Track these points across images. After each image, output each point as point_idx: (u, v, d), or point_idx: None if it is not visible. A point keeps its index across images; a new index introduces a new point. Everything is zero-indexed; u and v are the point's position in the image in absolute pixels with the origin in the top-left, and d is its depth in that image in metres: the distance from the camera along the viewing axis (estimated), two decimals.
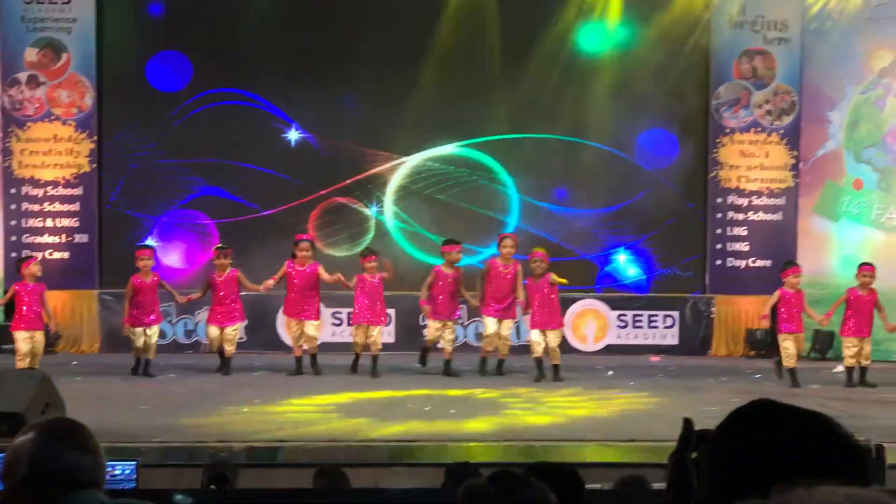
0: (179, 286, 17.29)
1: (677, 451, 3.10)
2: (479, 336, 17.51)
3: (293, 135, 19.68)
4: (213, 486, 7.29)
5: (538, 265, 16.20)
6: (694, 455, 3.15)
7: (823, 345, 18.57)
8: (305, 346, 16.13)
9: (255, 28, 19.26)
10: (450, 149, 19.93)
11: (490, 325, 16.26)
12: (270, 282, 16.26)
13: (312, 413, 12.82)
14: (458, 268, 16.39)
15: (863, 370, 15.47)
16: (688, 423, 3.57)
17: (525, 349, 16.87)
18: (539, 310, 16.11)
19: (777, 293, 15.85)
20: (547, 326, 16.08)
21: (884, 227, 19.18)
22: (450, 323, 16.36)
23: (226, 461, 7.85)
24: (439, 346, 16.39)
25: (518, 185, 19.92)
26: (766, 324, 16.10)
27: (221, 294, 16.20)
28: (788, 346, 15.52)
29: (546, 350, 15.97)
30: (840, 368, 16.26)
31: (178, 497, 6.55)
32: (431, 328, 16.35)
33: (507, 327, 16.36)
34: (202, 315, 18.13)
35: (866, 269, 15.79)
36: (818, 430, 2.28)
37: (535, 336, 16.03)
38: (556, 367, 15.93)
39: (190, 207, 19.53)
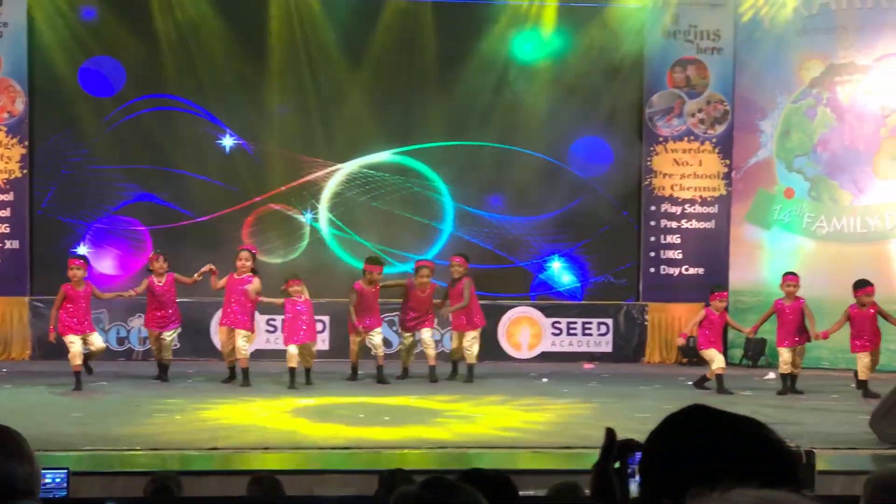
0: (112, 292, 17.13)
1: (600, 461, 3.11)
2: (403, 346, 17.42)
3: (227, 141, 19.58)
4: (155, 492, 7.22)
5: (456, 269, 16.50)
6: (616, 465, 3.16)
7: (755, 352, 18.73)
8: (237, 357, 16.02)
9: (188, 34, 19.17)
10: (385, 156, 19.93)
11: (408, 337, 16.49)
12: (205, 268, 16.13)
13: (246, 420, 12.76)
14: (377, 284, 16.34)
15: (793, 378, 15.58)
16: (610, 433, 3.59)
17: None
18: (456, 313, 16.28)
19: (702, 312, 15.95)
20: (465, 328, 16.31)
21: (814, 235, 19.37)
22: (373, 331, 16.32)
23: (169, 472, 7.78)
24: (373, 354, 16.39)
25: (453, 192, 19.95)
26: (681, 342, 16.26)
27: (160, 300, 16.05)
28: (712, 355, 15.62)
29: (462, 351, 16.37)
30: (771, 375, 16.41)
31: None
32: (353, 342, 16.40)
33: (429, 335, 16.47)
34: (135, 322, 18.00)
35: (790, 278, 15.92)
36: (750, 434, 2.31)
37: (454, 338, 16.45)
38: (470, 367, 16.17)
39: (123, 214, 19.37)
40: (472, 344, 16.40)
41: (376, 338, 16.24)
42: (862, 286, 15.70)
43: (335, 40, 19.46)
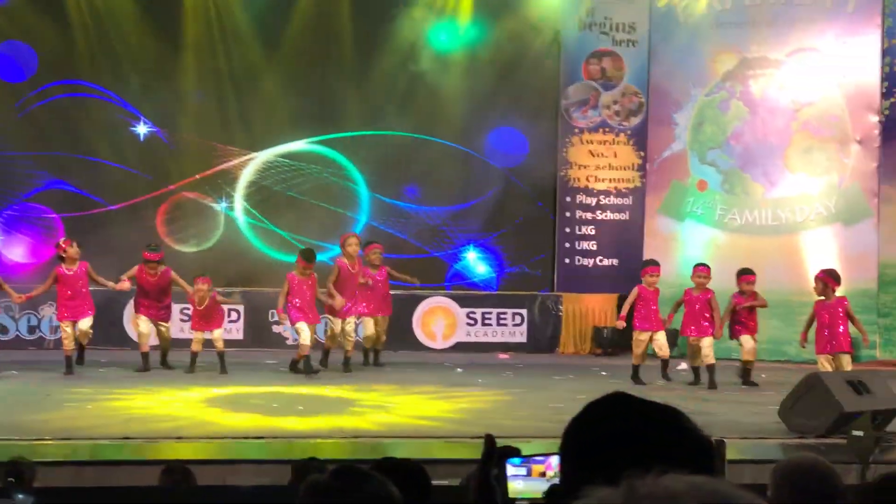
0: (23, 281, 16.93)
1: (481, 467, 3.13)
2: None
3: (141, 128, 19.39)
4: (10, 479, 7.11)
5: (376, 256, 16.52)
6: (495, 472, 3.19)
7: (668, 343, 18.82)
8: (157, 343, 15.90)
9: (102, 19, 18.97)
10: (300, 145, 19.86)
11: (337, 324, 16.32)
12: (126, 284, 15.98)
13: (159, 410, 12.66)
14: (312, 275, 16.21)
15: (709, 368, 15.58)
16: (489, 439, 3.61)
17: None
18: (373, 298, 16.40)
19: (635, 290, 16.03)
20: (378, 313, 16.52)
21: (727, 227, 19.58)
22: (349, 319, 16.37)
23: (25, 459, 7.64)
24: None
25: (368, 182, 19.92)
26: (622, 325, 16.16)
27: (72, 288, 15.77)
28: (640, 342, 15.71)
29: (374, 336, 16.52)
30: (683, 366, 16.54)
31: (20, 496, 6.42)
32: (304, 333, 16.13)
33: (351, 323, 16.43)
34: (46, 311, 17.79)
35: (701, 269, 16.02)
36: (669, 422, 2.33)
37: (369, 324, 16.51)
38: (377, 351, 16.39)
39: (35, 201, 19.12)
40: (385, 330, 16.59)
41: (349, 325, 16.23)
42: (745, 273, 15.92)
43: (251, 27, 19.35)
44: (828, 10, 19.12)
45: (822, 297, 14.78)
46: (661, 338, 15.82)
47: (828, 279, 14.81)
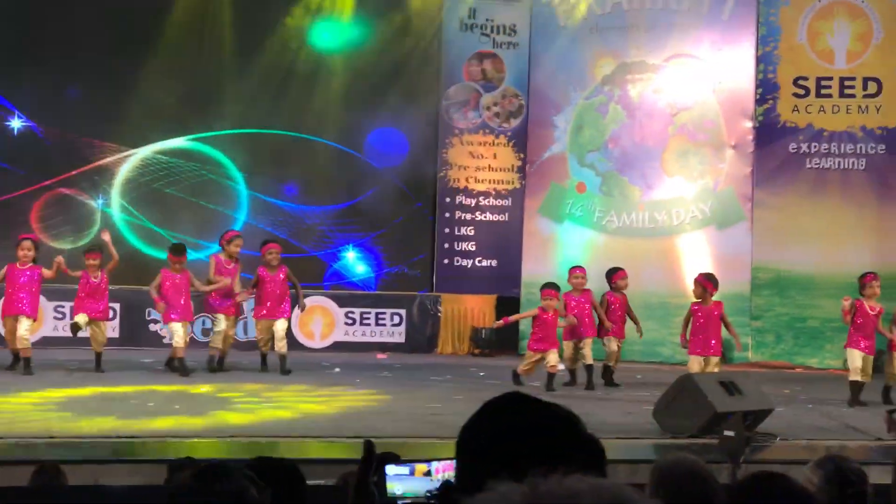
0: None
1: (360, 472, 3.13)
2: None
3: (16, 123, 19.07)
4: None
5: (274, 256, 16.20)
6: (375, 478, 3.19)
7: None
8: (19, 346, 15.55)
9: None
10: (179, 142, 19.67)
11: (221, 322, 16.07)
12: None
13: (29, 409, 12.44)
14: (185, 270, 16.01)
15: (588, 369, 15.65)
16: (369, 445, 3.62)
17: (252, 345, 16.87)
18: (274, 300, 16.14)
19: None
20: (277, 316, 16.17)
21: (605, 229, 19.77)
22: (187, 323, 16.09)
23: None
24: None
25: (248, 180, 19.80)
26: (500, 323, 16.14)
27: None
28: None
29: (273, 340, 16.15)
30: (561, 367, 16.64)
31: None
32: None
33: (232, 325, 16.25)
34: None
35: (577, 271, 16.14)
36: (565, 422, 2.35)
37: (263, 325, 16.23)
38: (283, 357, 16.04)
39: None
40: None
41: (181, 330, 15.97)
42: (616, 271, 16.10)
43: (130, 23, 19.10)
44: (704, 18, 19.41)
45: (700, 300, 14.97)
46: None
47: (706, 283, 15.00)
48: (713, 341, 14.76)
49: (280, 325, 16.19)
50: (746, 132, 19.23)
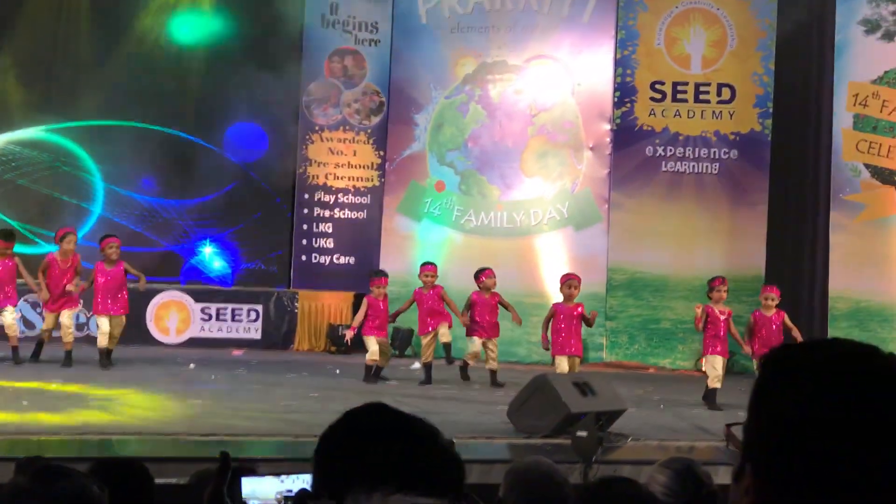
0: None
1: (215, 482, 3.10)
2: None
3: None
4: None
5: (114, 251, 15.94)
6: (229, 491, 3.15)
7: (402, 342, 18.97)
8: None
9: None
10: (33, 132, 19.29)
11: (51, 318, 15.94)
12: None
13: None
14: (12, 256, 15.79)
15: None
16: (224, 456, 3.58)
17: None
18: (111, 295, 15.95)
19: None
20: (112, 312, 15.95)
21: (463, 228, 19.83)
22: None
23: None
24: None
25: (103, 172, 19.49)
26: (350, 335, 16.06)
27: None
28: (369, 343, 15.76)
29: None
30: (417, 365, 16.69)
31: None
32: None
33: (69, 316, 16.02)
34: None
35: (428, 268, 16.16)
36: (425, 439, 2.34)
37: (102, 323, 15.91)
38: (108, 352, 15.87)
39: None
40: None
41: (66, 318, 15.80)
42: (483, 270, 16.19)
43: None
44: (564, 20, 19.60)
45: (563, 300, 15.12)
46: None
47: (571, 283, 15.17)
48: (575, 340, 14.94)
49: (115, 322, 15.97)
50: (604, 134, 19.46)
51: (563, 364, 14.71)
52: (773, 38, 18.92)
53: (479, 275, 16.17)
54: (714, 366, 14.46)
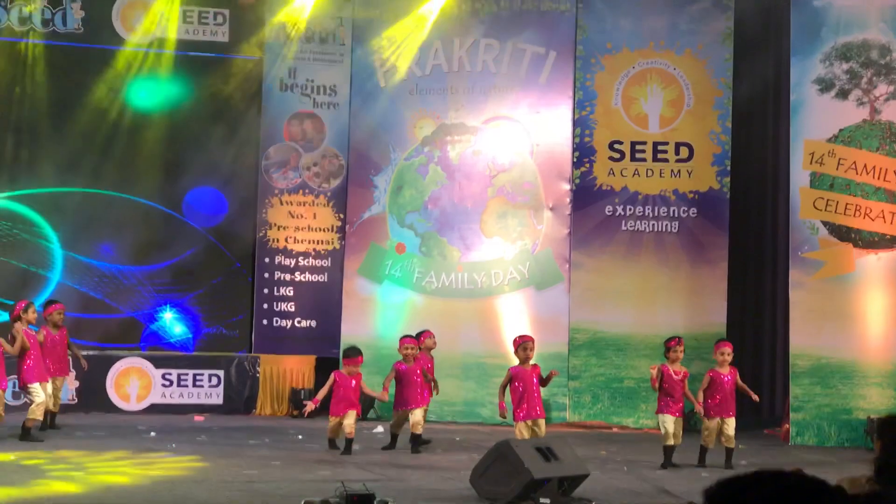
0: None
1: None
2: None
3: None
4: None
5: (60, 317, 16.16)
6: None
7: (366, 405, 18.85)
8: None
9: None
10: None
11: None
12: None
13: None
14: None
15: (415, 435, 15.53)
16: None
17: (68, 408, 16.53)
18: (54, 360, 15.98)
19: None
20: (55, 374, 16.05)
21: (424, 290, 19.81)
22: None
23: None
24: None
25: (62, 239, 19.40)
26: (311, 407, 15.79)
27: None
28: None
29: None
30: (380, 429, 16.62)
31: None
32: None
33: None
34: None
35: (408, 341, 15.94)
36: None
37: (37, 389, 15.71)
38: (52, 414, 15.98)
39: None
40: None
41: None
42: (423, 333, 16.25)
43: None
44: (522, 81, 19.69)
45: (520, 363, 15.03)
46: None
47: (527, 345, 15.09)
48: (535, 404, 14.80)
49: (58, 383, 16.06)
50: (564, 194, 19.51)
51: (524, 431, 14.57)
52: (729, 98, 19.06)
53: (417, 337, 16.22)
54: (664, 424, 14.47)
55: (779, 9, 18.51)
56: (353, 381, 15.19)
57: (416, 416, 15.42)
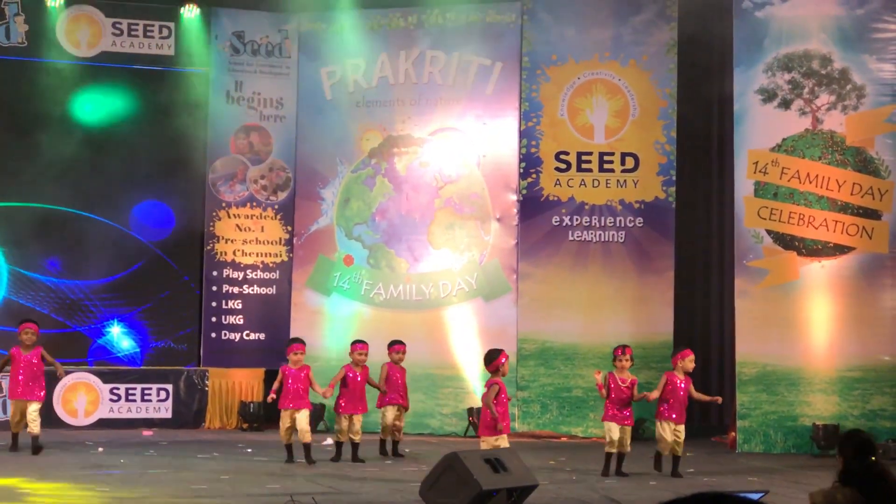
0: None
1: None
2: None
3: None
4: None
5: (29, 336, 15.86)
6: None
7: (316, 418, 18.85)
8: None
9: None
10: None
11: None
12: None
13: None
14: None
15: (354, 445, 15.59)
16: None
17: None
18: (25, 381, 15.78)
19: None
20: (28, 397, 15.84)
21: (372, 302, 19.85)
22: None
23: None
24: None
25: (7, 254, 19.29)
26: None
27: None
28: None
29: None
30: (329, 441, 16.60)
31: None
32: None
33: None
34: None
35: (360, 347, 16.06)
36: None
37: (16, 407, 15.86)
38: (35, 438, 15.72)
39: None
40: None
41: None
42: (392, 344, 16.38)
43: None
44: (468, 92, 19.79)
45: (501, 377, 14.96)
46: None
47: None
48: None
49: (32, 408, 15.82)
50: (511, 205, 19.60)
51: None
52: (674, 108, 19.21)
53: (388, 347, 16.29)
54: (610, 433, 14.51)
55: (722, 20, 18.66)
56: (303, 374, 15.20)
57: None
